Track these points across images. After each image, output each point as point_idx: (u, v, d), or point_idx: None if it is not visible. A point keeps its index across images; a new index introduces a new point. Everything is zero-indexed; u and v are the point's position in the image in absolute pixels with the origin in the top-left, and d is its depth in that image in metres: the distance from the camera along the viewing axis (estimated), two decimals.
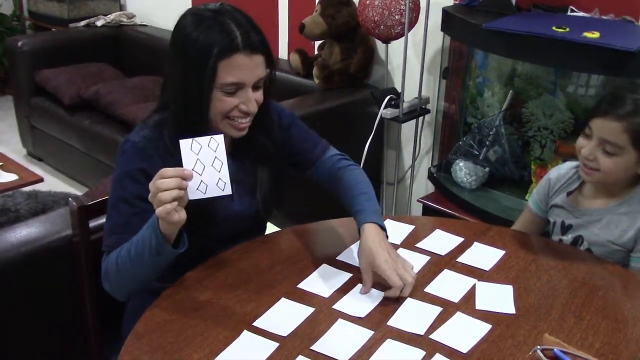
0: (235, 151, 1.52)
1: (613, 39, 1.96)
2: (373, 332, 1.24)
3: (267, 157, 1.54)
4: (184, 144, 1.23)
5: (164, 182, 1.21)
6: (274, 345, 1.21)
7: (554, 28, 2.08)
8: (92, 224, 1.55)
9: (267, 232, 1.67)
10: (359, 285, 1.39)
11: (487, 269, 1.48)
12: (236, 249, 1.54)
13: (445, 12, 2.52)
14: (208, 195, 1.27)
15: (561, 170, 1.74)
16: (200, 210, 1.37)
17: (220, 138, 1.25)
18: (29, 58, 3.81)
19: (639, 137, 1.51)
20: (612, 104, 1.54)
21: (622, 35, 2.06)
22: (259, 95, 1.43)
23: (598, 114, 1.55)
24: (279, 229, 1.70)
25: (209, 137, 1.24)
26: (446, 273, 1.46)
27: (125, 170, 1.40)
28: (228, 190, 1.27)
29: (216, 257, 1.50)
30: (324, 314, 1.30)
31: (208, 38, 1.33)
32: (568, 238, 1.68)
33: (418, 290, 1.39)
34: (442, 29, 2.58)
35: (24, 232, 1.66)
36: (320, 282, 1.41)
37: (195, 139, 1.24)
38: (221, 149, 1.25)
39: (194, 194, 1.26)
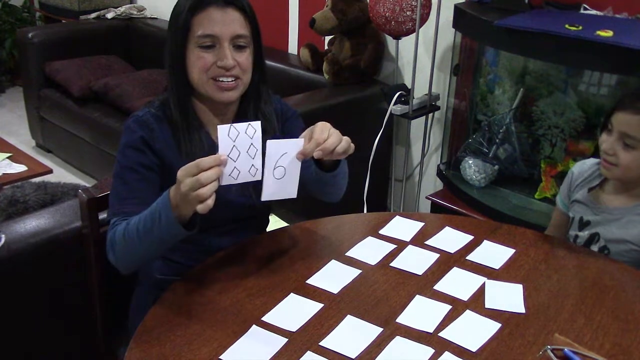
0: None
1: (626, 38, 1.95)
2: (382, 329, 1.24)
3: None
4: (222, 129, 1.21)
5: (205, 175, 1.18)
6: (283, 340, 1.20)
7: (566, 26, 2.07)
8: (101, 216, 1.55)
9: (276, 227, 1.67)
10: (367, 283, 1.39)
11: (497, 267, 1.47)
12: (244, 243, 1.54)
13: (457, 8, 2.50)
14: (239, 181, 1.25)
15: (584, 165, 1.74)
16: None
17: (257, 125, 1.24)
18: (39, 50, 3.82)
19: None
20: (633, 98, 1.54)
21: (636, 34, 2.04)
22: (243, 58, 1.42)
23: (619, 108, 1.55)
24: (287, 224, 1.70)
25: (247, 123, 1.23)
26: (456, 271, 1.45)
27: (126, 142, 1.43)
28: (259, 176, 1.27)
29: (225, 252, 1.50)
30: (332, 310, 1.30)
31: None
32: (584, 234, 1.67)
33: (427, 287, 1.38)
34: (454, 26, 2.57)
35: (34, 224, 1.67)
36: (329, 278, 1.41)
37: (234, 125, 1.22)
38: (258, 135, 1.24)
39: (226, 180, 1.24)
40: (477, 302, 1.34)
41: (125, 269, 1.41)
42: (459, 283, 1.40)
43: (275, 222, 1.78)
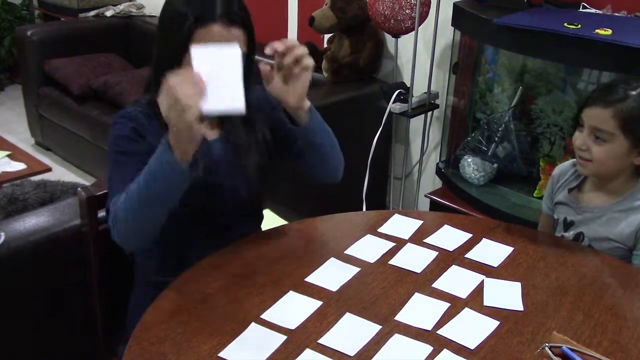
0: (227, 131, 1.53)
1: (625, 36, 1.95)
2: (381, 327, 1.24)
3: (258, 141, 1.54)
4: (196, 51, 1.17)
5: (182, 86, 1.16)
6: (282, 338, 1.21)
7: (565, 24, 2.07)
8: (101, 214, 1.55)
9: (275, 225, 1.67)
10: (366, 281, 1.39)
11: (496, 265, 1.47)
12: (244, 241, 1.54)
13: (456, 6, 2.50)
14: (221, 107, 1.20)
15: (563, 167, 1.76)
16: (194, 189, 1.37)
17: (237, 50, 1.21)
18: (38, 47, 3.82)
19: (627, 122, 1.51)
20: (602, 92, 1.56)
21: (635, 32, 2.04)
22: None
23: (588, 103, 1.57)
24: (286, 222, 1.70)
25: (224, 45, 1.21)
26: (454, 269, 1.45)
27: (117, 134, 1.42)
28: (241, 107, 1.21)
29: (224, 250, 1.50)
30: (331, 308, 1.30)
31: (190, 3, 1.35)
32: (569, 235, 1.68)
33: (426, 285, 1.39)
34: (453, 24, 2.57)
35: (33, 222, 1.67)
36: (328, 275, 1.41)
37: (210, 46, 1.18)
38: (237, 61, 1.20)
39: (206, 105, 1.18)
40: (475, 300, 1.35)
41: (130, 242, 1.38)
42: (457, 281, 1.41)
43: (274, 220, 1.78)
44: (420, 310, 1.30)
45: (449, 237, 1.58)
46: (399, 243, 1.55)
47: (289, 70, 1.36)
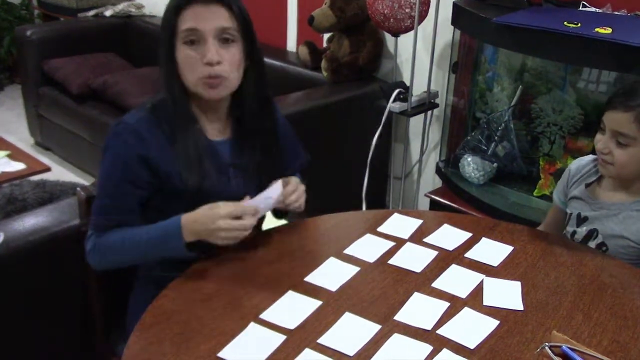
0: (236, 135, 1.55)
1: (625, 35, 1.95)
2: (380, 327, 1.24)
3: (266, 146, 1.56)
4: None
5: (248, 223, 1.39)
6: (281, 337, 1.21)
7: (565, 23, 2.07)
8: None
9: (274, 225, 1.67)
10: (365, 281, 1.39)
11: (495, 264, 1.47)
12: (244, 241, 1.53)
13: (456, 5, 2.50)
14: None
15: (582, 161, 1.75)
16: (197, 191, 1.43)
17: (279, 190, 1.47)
18: (38, 47, 3.81)
19: None
20: (622, 96, 1.56)
21: (635, 31, 2.04)
22: (229, 54, 1.43)
23: (609, 107, 1.56)
24: (286, 222, 1.70)
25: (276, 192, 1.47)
26: (454, 268, 1.45)
27: (119, 154, 1.43)
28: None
29: (223, 249, 1.49)
30: (331, 308, 1.30)
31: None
32: (582, 230, 1.68)
33: (426, 285, 1.38)
34: (452, 23, 2.56)
35: (32, 222, 1.67)
36: (328, 275, 1.41)
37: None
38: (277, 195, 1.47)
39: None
40: (475, 299, 1.34)
41: (105, 270, 1.52)
42: (457, 280, 1.41)
43: (273, 220, 1.77)
44: (419, 310, 1.30)
45: (449, 236, 1.58)
46: (399, 242, 1.54)
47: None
